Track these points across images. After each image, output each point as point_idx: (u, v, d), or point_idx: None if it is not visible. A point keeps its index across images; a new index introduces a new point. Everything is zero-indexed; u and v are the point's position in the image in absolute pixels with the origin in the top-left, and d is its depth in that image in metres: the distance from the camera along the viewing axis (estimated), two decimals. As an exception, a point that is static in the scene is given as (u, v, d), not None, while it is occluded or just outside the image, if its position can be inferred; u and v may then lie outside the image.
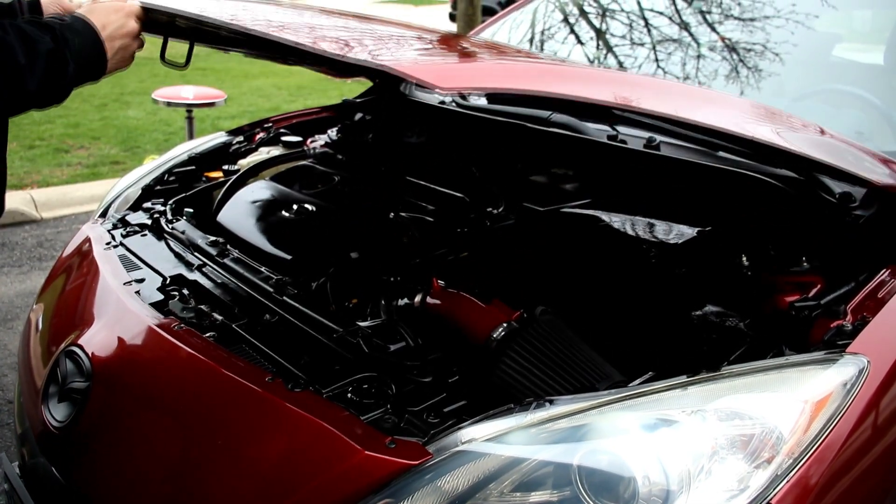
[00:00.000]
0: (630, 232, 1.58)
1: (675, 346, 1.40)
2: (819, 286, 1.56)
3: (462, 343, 1.56)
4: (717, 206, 1.73)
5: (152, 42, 1.47)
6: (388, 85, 2.74)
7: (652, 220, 1.65)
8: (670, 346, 1.41)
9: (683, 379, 1.16)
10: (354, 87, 5.78)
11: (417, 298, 1.59)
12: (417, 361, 1.28)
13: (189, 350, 1.36)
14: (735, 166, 1.72)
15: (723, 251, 1.62)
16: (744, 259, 1.60)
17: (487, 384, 1.34)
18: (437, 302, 1.56)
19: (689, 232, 1.59)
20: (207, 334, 1.43)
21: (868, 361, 1.20)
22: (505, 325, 1.41)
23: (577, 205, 1.79)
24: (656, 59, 2.37)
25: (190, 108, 4.60)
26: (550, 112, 2.13)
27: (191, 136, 4.75)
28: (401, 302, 1.63)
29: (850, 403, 1.14)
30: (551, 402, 1.14)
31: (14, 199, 4.69)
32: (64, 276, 1.87)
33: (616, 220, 1.63)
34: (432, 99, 2.51)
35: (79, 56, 1.16)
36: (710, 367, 1.18)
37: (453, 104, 2.42)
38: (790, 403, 1.13)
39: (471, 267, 1.81)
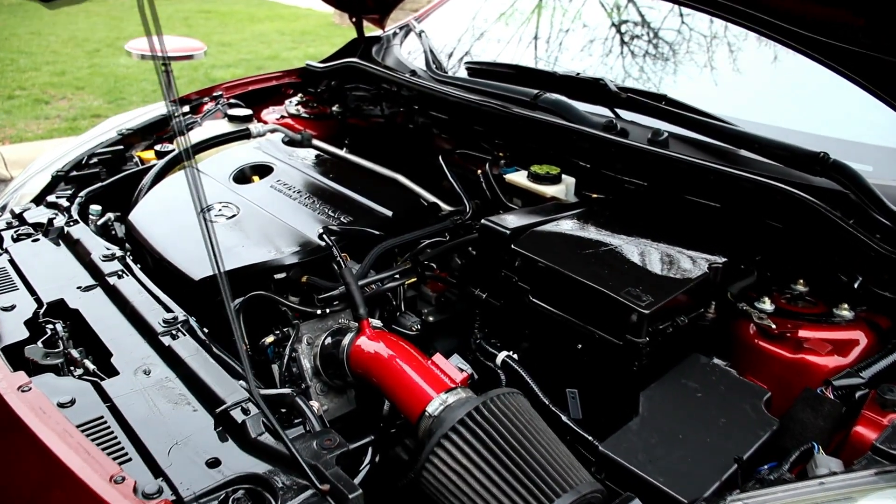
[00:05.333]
0: (620, 262, 1.21)
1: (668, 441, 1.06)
2: (865, 343, 1.20)
3: (391, 414, 1.22)
4: (734, 224, 1.35)
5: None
6: (360, 46, 2.36)
7: (649, 247, 1.28)
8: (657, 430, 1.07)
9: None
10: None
11: (345, 342, 1.25)
12: (313, 460, 0.95)
13: (26, 424, 1.04)
14: (758, 171, 1.34)
15: (740, 291, 1.26)
16: (767, 302, 1.24)
17: (411, 487, 1.01)
18: (368, 350, 1.22)
19: (696, 269, 1.22)
20: (62, 399, 1.10)
21: (936, 489, 0.85)
22: (444, 396, 1.07)
23: (561, 216, 1.42)
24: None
25: (166, 60, 4.21)
26: (538, 91, 1.75)
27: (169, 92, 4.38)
28: (327, 342, 1.30)
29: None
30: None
31: (-17, 158, 4.39)
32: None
33: (603, 247, 1.26)
34: (404, 68, 2.13)
35: None
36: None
37: (427, 75, 2.04)
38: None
39: (417, 297, 1.46)
